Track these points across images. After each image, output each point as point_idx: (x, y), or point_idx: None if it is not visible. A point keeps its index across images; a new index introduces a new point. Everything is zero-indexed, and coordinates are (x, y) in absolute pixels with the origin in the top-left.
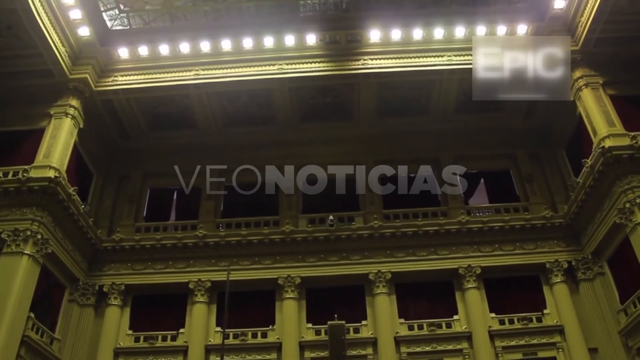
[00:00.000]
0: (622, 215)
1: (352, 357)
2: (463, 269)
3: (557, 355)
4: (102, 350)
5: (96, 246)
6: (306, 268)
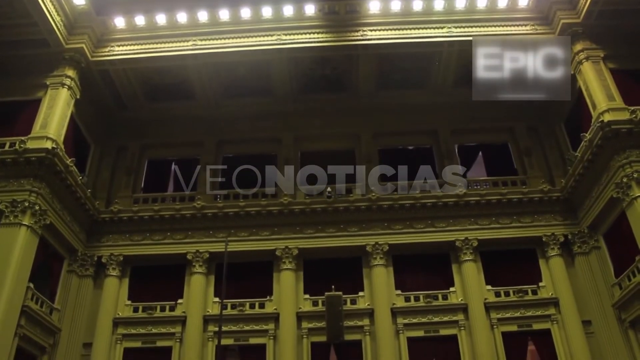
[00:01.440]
0: (619, 189)
1: (348, 328)
2: (460, 242)
3: (552, 327)
4: (101, 320)
5: (94, 217)
6: (304, 239)
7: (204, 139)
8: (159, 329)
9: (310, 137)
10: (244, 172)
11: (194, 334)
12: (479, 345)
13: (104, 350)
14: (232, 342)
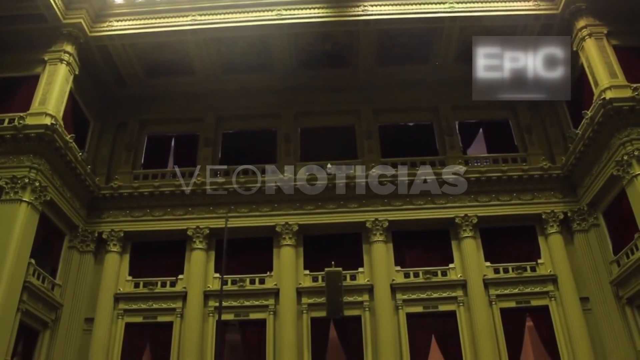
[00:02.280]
0: (619, 167)
1: (348, 304)
2: (460, 218)
3: (550, 303)
4: (103, 295)
5: (94, 193)
6: (304, 215)
7: (204, 115)
8: (160, 305)
9: (310, 113)
10: (244, 148)
11: (195, 310)
12: (478, 321)
13: (105, 325)
14: (232, 317)
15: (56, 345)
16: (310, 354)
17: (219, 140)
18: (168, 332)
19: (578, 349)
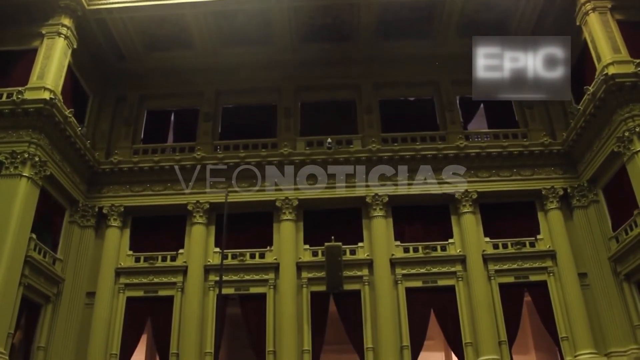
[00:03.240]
0: (620, 143)
1: (348, 278)
2: (459, 194)
3: (548, 279)
4: (104, 270)
5: (94, 168)
6: (304, 190)
7: (203, 89)
8: (161, 279)
9: (310, 87)
10: (244, 122)
11: (195, 284)
12: (477, 296)
13: (106, 300)
14: (232, 291)
15: (58, 319)
16: (310, 328)
17: (218, 114)
18: (169, 306)
19: (576, 324)
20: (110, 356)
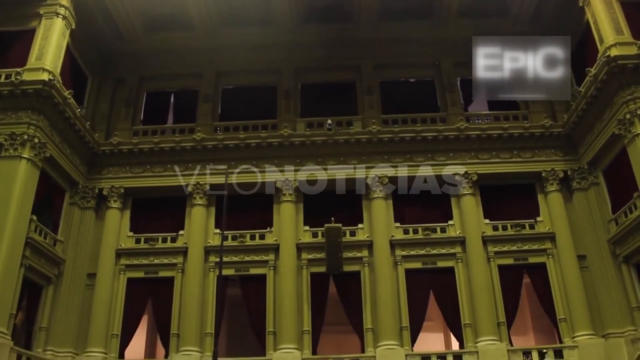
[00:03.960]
0: (621, 126)
1: (348, 259)
2: (460, 176)
3: (547, 261)
4: (104, 251)
5: (94, 150)
6: (304, 172)
7: (203, 71)
8: (161, 260)
9: (310, 68)
10: (243, 103)
11: (196, 265)
12: (476, 278)
13: (107, 281)
14: (233, 272)
15: (59, 300)
16: (309, 309)
17: (218, 96)
18: (169, 287)
19: (574, 306)
20: (111, 336)
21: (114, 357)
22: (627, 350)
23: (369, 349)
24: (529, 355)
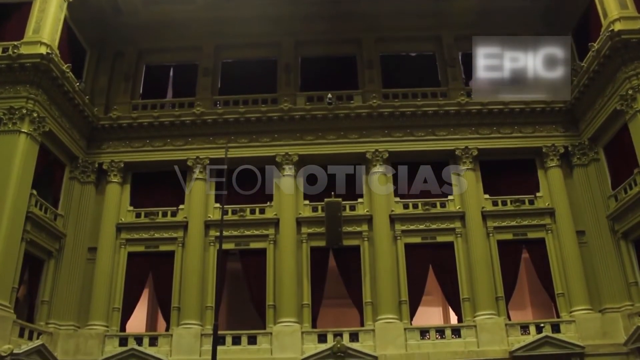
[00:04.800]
0: (623, 101)
1: (347, 234)
2: (460, 151)
3: (546, 236)
4: (105, 225)
5: (93, 124)
6: (304, 146)
7: (203, 44)
8: (162, 234)
9: (310, 42)
10: (243, 77)
11: (196, 239)
12: (475, 253)
13: (108, 255)
14: (233, 246)
15: (61, 274)
16: (309, 283)
17: (218, 69)
18: (170, 261)
19: (572, 281)
20: (112, 310)
21: (116, 331)
22: (623, 324)
23: (368, 322)
24: (527, 329)
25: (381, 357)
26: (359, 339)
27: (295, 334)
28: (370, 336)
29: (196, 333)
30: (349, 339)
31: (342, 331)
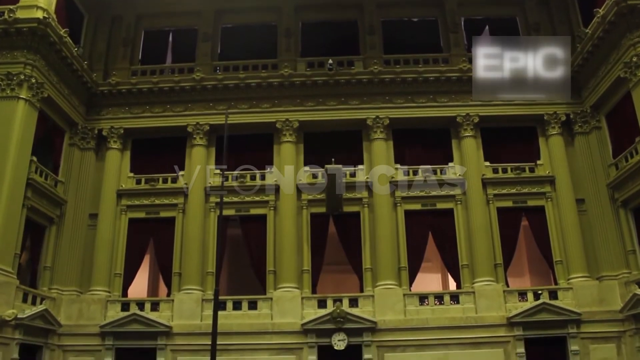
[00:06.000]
0: (627, 69)
1: (347, 200)
2: (461, 117)
3: (546, 204)
4: (105, 192)
5: (92, 90)
6: (304, 112)
7: (202, 8)
8: (162, 200)
9: (311, 6)
10: (243, 43)
11: (196, 205)
12: (474, 219)
13: (109, 221)
14: (233, 212)
15: (62, 240)
16: (309, 249)
17: (217, 35)
18: (171, 227)
19: (570, 249)
20: (114, 275)
21: (118, 296)
22: (620, 292)
23: (367, 288)
24: (525, 296)
25: (380, 323)
26: (359, 304)
27: (296, 299)
28: (370, 302)
29: (197, 298)
30: (348, 304)
31: (342, 297)
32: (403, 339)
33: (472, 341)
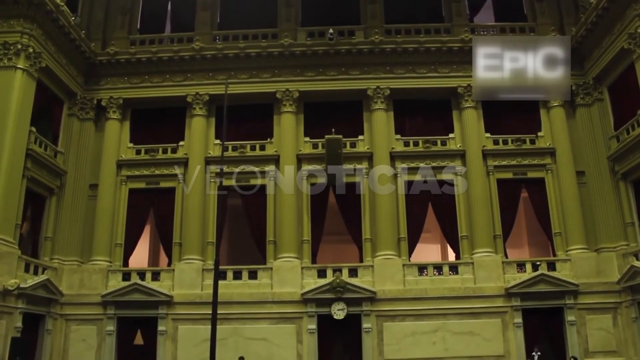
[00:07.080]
0: (631, 40)
1: (347, 171)
2: (462, 88)
3: (546, 176)
4: (105, 162)
5: (91, 60)
6: (305, 82)
7: None
8: (162, 171)
9: None
10: (243, 12)
11: (197, 175)
12: (474, 191)
13: (109, 191)
14: (233, 183)
15: (63, 211)
16: (309, 219)
17: (217, 3)
18: (171, 198)
19: (569, 221)
20: (115, 245)
21: (119, 266)
22: (617, 264)
23: (367, 258)
24: (523, 267)
25: (379, 292)
26: (358, 274)
27: (295, 269)
28: (369, 272)
29: (198, 268)
30: (348, 274)
31: (342, 267)
32: (402, 309)
33: (470, 311)
